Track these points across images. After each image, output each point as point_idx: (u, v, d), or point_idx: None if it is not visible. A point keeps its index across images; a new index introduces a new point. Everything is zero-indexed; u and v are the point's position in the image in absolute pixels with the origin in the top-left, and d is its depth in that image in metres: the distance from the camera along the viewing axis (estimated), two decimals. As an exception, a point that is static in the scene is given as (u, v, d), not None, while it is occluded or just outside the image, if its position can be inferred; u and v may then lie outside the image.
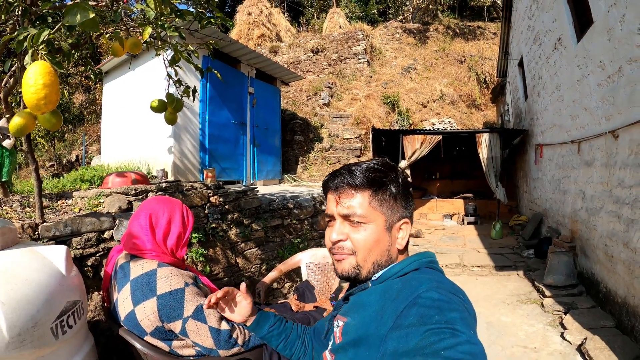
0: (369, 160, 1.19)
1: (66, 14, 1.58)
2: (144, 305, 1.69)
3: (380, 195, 1.12)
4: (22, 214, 2.94)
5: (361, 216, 1.10)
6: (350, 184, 1.12)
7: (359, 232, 1.11)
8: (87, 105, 12.24)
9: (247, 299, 1.51)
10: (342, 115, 12.11)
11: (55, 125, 1.81)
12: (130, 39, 2.44)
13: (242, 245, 4.32)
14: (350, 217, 1.11)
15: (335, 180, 1.16)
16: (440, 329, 0.83)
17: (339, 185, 1.14)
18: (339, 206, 1.13)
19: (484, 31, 18.54)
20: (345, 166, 1.18)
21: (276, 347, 1.51)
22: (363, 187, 1.11)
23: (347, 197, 1.12)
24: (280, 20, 19.06)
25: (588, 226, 4.93)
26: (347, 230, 1.13)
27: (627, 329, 3.71)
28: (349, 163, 1.21)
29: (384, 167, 1.16)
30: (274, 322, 1.52)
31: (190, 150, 6.57)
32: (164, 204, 1.96)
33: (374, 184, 1.12)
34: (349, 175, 1.13)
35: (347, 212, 1.11)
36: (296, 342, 1.51)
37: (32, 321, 1.49)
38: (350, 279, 1.16)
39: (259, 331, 1.51)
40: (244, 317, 1.50)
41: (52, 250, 1.79)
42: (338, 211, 1.14)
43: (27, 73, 1.53)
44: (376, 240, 1.11)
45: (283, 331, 1.51)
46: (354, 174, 1.12)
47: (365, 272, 1.13)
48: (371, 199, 1.11)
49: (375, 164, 1.16)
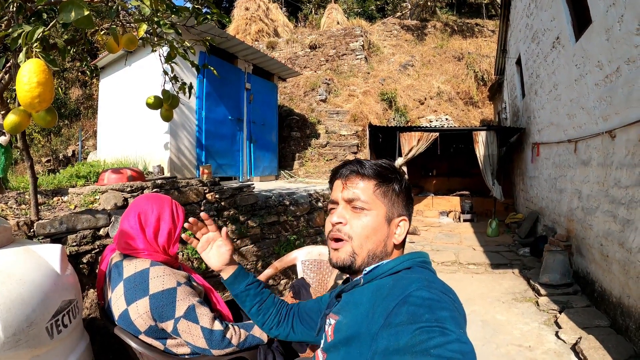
0: (378, 160, 1.25)
1: (61, 11, 1.56)
2: (136, 304, 1.69)
3: (384, 187, 1.18)
4: (17, 211, 2.93)
5: (364, 202, 1.15)
6: (359, 172, 1.19)
7: (359, 218, 1.15)
8: (84, 101, 12.18)
9: (228, 246, 1.53)
10: (339, 112, 12.09)
11: (50, 122, 1.80)
12: (126, 35, 2.41)
13: (238, 242, 4.31)
14: (354, 202, 1.16)
15: (345, 168, 1.23)
16: (430, 328, 0.83)
17: (348, 173, 1.20)
18: (344, 191, 1.19)
19: (482, 28, 18.52)
20: (356, 159, 1.25)
21: (249, 309, 1.54)
22: (370, 177, 1.18)
23: (353, 183, 1.18)
24: (278, 16, 18.98)
25: (584, 225, 4.95)
26: (348, 216, 1.17)
27: (622, 328, 3.72)
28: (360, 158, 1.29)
29: (392, 168, 1.23)
30: (252, 282, 1.55)
31: (187, 146, 6.55)
32: (153, 202, 1.95)
33: (380, 176, 1.18)
34: (359, 164, 1.20)
35: (352, 197, 1.17)
36: (271, 309, 1.54)
37: (28, 321, 1.48)
38: (345, 269, 1.18)
39: (236, 286, 1.54)
40: (221, 264, 1.53)
41: (47, 249, 1.78)
42: (343, 196, 1.19)
43: (21, 71, 1.51)
44: (374, 228, 1.15)
45: (259, 294, 1.55)
46: (364, 165, 1.20)
47: (360, 260, 1.15)
48: (375, 189, 1.17)
49: (384, 163, 1.23)
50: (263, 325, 1.54)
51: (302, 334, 1.50)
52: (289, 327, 1.52)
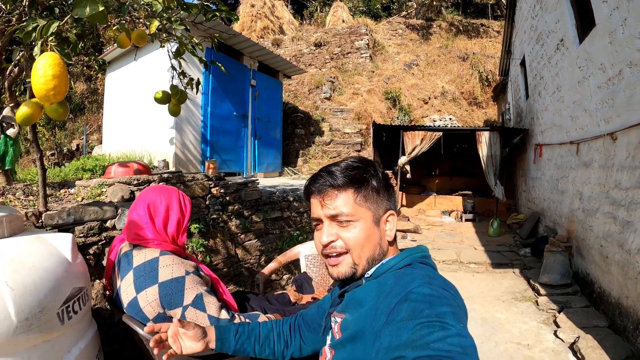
0: (346, 159, 1.20)
1: (75, 6, 1.61)
2: (146, 292, 1.73)
3: (363, 191, 1.14)
4: (25, 202, 2.98)
5: (349, 214, 1.12)
6: (333, 185, 1.14)
7: (349, 231, 1.13)
8: (89, 95, 12.23)
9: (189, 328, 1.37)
10: (343, 110, 12.12)
11: (62, 115, 1.85)
12: (136, 30, 2.46)
13: (242, 237, 4.36)
14: (338, 217, 1.13)
15: (317, 183, 1.17)
16: (430, 323, 0.84)
17: (322, 188, 1.15)
18: (324, 208, 1.14)
19: (487, 29, 18.48)
20: (323, 168, 1.20)
21: (253, 351, 1.46)
22: (346, 186, 1.13)
23: (331, 198, 1.14)
24: (284, 13, 19.00)
25: (584, 227, 4.97)
26: (335, 231, 1.14)
27: (620, 329, 3.76)
28: (327, 165, 1.22)
29: (362, 164, 1.18)
30: (237, 328, 1.47)
31: (192, 141, 6.60)
32: (161, 192, 2.00)
33: (356, 182, 1.14)
34: (329, 176, 1.15)
35: (334, 213, 1.13)
36: (270, 336, 1.49)
37: (39, 306, 1.52)
38: (347, 280, 1.18)
39: (227, 345, 1.43)
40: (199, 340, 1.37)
41: (58, 238, 1.82)
42: (324, 213, 1.15)
43: (36, 64, 1.55)
44: (367, 236, 1.13)
45: (251, 333, 1.48)
46: (334, 175, 1.14)
47: (361, 269, 1.15)
48: (355, 197, 1.13)
49: (353, 162, 1.18)
50: (275, 355, 1.47)
51: (313, 342, 1.47)
52: (299, 339, 1.50)
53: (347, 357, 1.07)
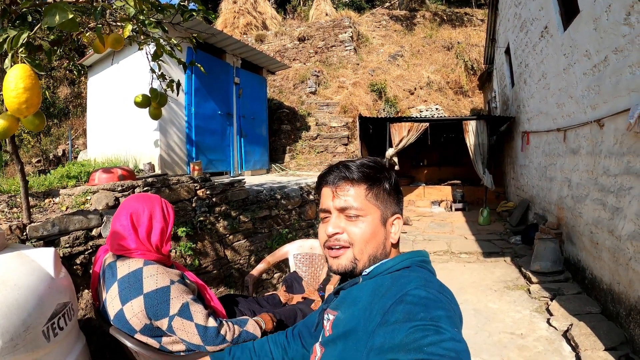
0: (361, 158, 1.22)
1: (45, 15, 1.56)
2: (131, 303, 1.71)
3: (375, 189, 1.16)
4: (9, 215, 2.91)
5: (358, 209, 1.13)
6: (347, 178, 1.16)
7: (356, 225, 1.14)
8: (72, 99, 12.04)
9: None
10: (329, 104, 12.07)
11: (38, 126, 1.80)
12: (112, 35, 2.41)
13: (230, 238, 4.32)
14: (347, 210, 1.14)
15: (332, 174, 1.19)
16: (425, 326, 0.84)
17: (336, 179, 1.17)
18: (335, 199, 1.16)
19: (472, 18, 18.49)
20: (340, 162, 1.21)
21: None
22: (359, 181, 1.15)
23: (343, 190, 1.15)
24: (266, 8, 18.84)
25: (574, 213, 5.01)
26: (343, 224, 1.15)
27: (613, 315, 3.79)
28: (344, 160, 1.24)
29: (378, 165, 1.20)
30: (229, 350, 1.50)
31: (177, 143, 6.52)
32: (143, 201, 1.97)
33: (370, 179, 1.16)
34: (345, 169, 1.17)
35: (344, 205, 1.14)
36: (265, 347, 1.50)
37: (24, 326, 1.49)
38: (346, 274, 1.18)
39: None
40: None
41: (40, 253, 1.79)
42: (335, 205, 1.16)
43: (7, 77, 1.51)
44: (372, 232, 1.14)
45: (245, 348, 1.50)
46: (351, 169, 1.16)
47: (361, 265, 1.15)
48: (367, 193, 1.15)
49: (369, 162, 1.20)
50: None
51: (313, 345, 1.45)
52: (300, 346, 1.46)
53: (338, 355, 1.06)
